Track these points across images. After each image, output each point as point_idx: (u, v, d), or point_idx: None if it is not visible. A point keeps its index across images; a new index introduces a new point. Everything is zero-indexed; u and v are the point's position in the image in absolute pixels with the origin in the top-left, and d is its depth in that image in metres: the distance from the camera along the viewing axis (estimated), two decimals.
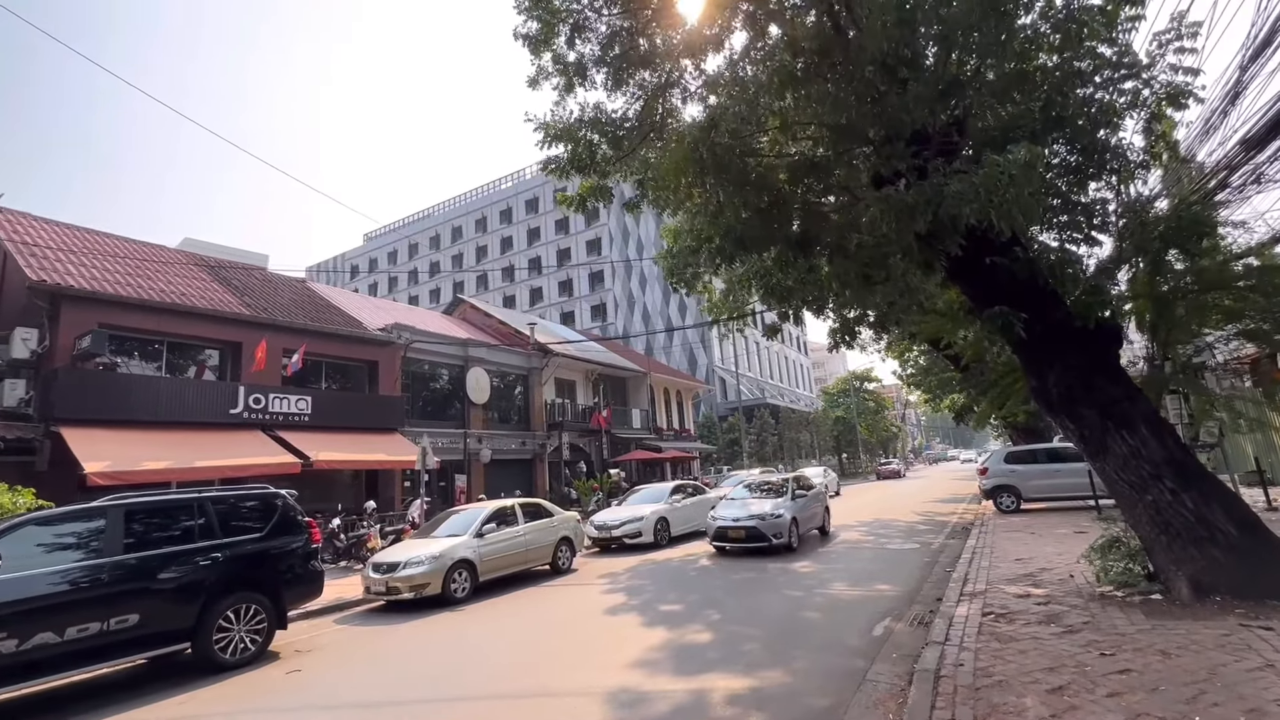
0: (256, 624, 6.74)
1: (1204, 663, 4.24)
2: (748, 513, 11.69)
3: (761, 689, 4.81)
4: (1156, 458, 5.98)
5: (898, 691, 4.54)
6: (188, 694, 5.87)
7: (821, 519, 13.56)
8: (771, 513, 11.52)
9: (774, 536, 11.20)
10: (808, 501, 12.83)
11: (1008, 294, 6.52)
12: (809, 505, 12.86)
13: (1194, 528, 5.75)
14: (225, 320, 16.23)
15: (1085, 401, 6.34)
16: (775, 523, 11.34)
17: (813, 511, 13.03)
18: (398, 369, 20.55)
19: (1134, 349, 10.87)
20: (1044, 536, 10.34)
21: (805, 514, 12.44)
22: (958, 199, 5.01)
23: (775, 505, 11.78)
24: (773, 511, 11.55)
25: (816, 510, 13.31)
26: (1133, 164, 7.02)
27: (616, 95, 9.13)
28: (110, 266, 15.59)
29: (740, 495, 13.04)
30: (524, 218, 60.86)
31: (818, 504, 13.47)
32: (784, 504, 11.86)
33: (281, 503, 7.46)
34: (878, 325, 16.69)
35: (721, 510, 12.36)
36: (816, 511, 13.29)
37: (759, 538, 11.28)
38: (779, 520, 11.38)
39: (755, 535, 11.30)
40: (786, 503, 11.95)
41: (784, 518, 11.42)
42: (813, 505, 13.09)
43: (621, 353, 36.81)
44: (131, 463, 12.44)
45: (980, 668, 4.59)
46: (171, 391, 14.61)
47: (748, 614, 7.26)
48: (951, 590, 7.10)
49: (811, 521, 12.94)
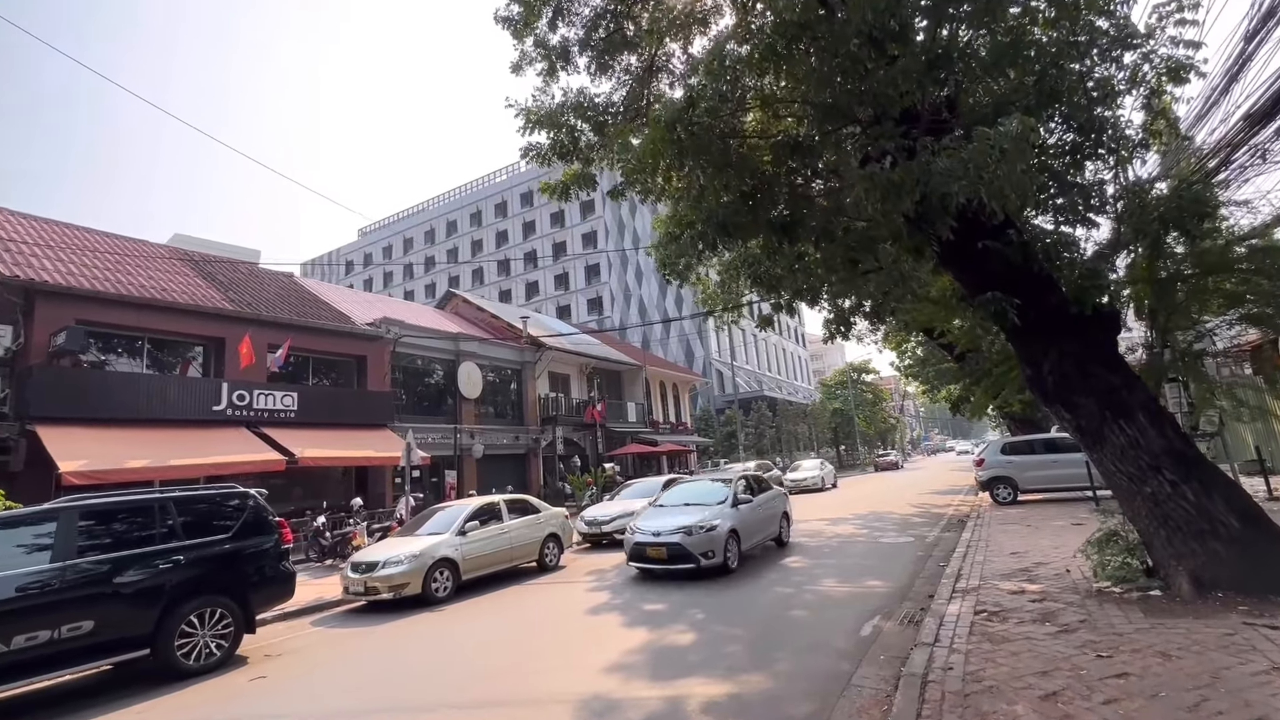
0: (223, 628, 6.49)
1: (1206, 665, 3.99)
2: (672, 524, 9.17)
3: (740, 695, 4.57)
4: (1155, 448, 5.73)
5: (883, 698, 4.29)
6: (147, 702, 5.63)
7: (778, 527, 11.21)
8: (700, 525, 9.03)
9: (703, 555, 8.78)
10: (756, 508, 10.39)
11: (1001, 280, 6.26)
12: (758, 512, 10.43)
13: (1194, 520, 5.51)
14: (207, 315, 15.93)
15: (1082, 390, 6.09)
16: (705, 538, 8.89)
17: (763, 519, 10.63)
18: (387, 364, 20.27)
19: (1131, 336, 10.63)
20: (1040, 529, 10.11)
21: (751, 523, 10.03)
22: (946, 176, 4.73)
23: (708, 515, 9.31)
24: (702, 523, 9.07)
25: (770, 517, 10.94)
26: (1132, 142, 6.74)
27: (601, 80, 8.83)
28: (89, 261, 15.27)
29: (674, 500, 10.65)
30: (519, 211, 60.42)
31: (772, 509, 11.12)
32: (719, 513, 9.40)
33: (250, 502, 7.20)
34: (873, 315, 16.46)
35: (644, 520, 9.78)
36: (770, 519, 10.94)
37: (683, 557, 8.82)
38: (710, 535, 8.94)
39: (679, 554, 8.84)
40: (723, 510, 9.50)
41: (718, 531, 9.02)
42: (763, 512, 10.66)
43: (617, 346, 36.54)
44: (110, 462, 12.18)
45: (970, 671, 4.35)
46: (152, 388, 14.32)
47: (733, 612, 7.03)
48: (944, 587, 6.87)
49: (762, 531, 10.54)
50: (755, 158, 6.66)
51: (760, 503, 10.70)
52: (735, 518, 9.52)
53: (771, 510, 11.13)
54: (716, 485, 10.72)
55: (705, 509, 9.57)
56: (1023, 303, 6.02)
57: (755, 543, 10.28)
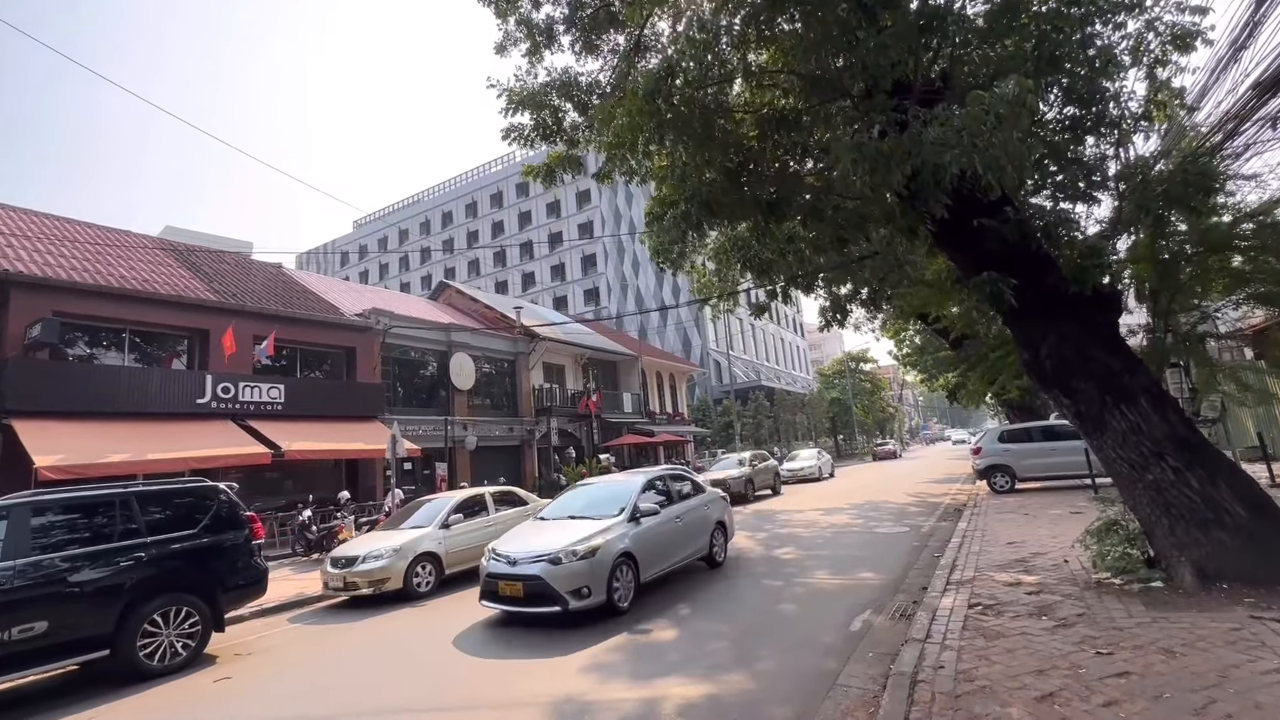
0: (189, 627, 6.25)
1: (1213, 663, 3.75)
2: (539, 547, 6.78)
3: (720, 697, 4.33)
4: (1158, 434, 5.47)
5: (870, 699, 4.06)
6: (105, 705, 5.40)
7: (707, 543, 8.63)
8: (574, 549, 6.54)
9: (574, 594, 6.35)
10: (668, 522, 7.83)
11: (997, 260, 5.97)
12: (671, 527, 7.88)
13: (1199, 509, 5.27)
14: (190, 307, 15.61)
15: (1081, 374, 5.82)
16: (578, 569, 6.43)
17: (679, 536, 8.03)
18: (376, 355, 19.98)
19: (1130, 320, 10.34)
20: (1038, 518, 9.89)
21: (659, 543, 7.55)
22: (938, 146, 4.43)
23: (590, 533, 6.85)
24: (576, 546, 6.57)
25: (691, 532, 8.32)
26: (1134, 115, 6.44)
27: (587, 59, 8.50)
28: (67, 252, 14.94)
29: (561, 510, 8.11)
30: (514, 201, 59.89)
31: (695, 521, 8.49)
32: (607, 531, 6.94)
33: (219, 497, 6.94)
34: (869, 303, 16.15)
35: (508, 541, 7.33)
36: (692, 534, 8.32)
37: (544, 597, 6.40)
38: (586, 564, 6.47)
39: (538, 593, 6.42)
40: (614, 527, 7.02)
41: (599, 557, 6.56)
42: (678, 526, 8.05)
43: (613, 336, 36.24)
44: (88, 456, 11.92)
45: (962, 670, 4.11)
46: (133, 381, 14.03)
47: (719, 607, 6.80)
48: (938, 579, 6.63)
49: (679, 552, 7.97)
50: (740, 132, 6.35)
51: (678, 514, 8.14)
52: (633, 537, 7.11)
53: (694, 522, 8.47)
54: (628, 487, 8.02)
55: (592, 524, 7.16)
56: (1020, 283, 5.75)
57: (666, 568, 7.71)
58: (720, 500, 9.63)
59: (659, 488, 8.42)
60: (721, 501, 9.63)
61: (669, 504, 8.23)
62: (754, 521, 13.85)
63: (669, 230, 7.46)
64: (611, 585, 6.64)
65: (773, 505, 17.17)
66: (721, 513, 9.37)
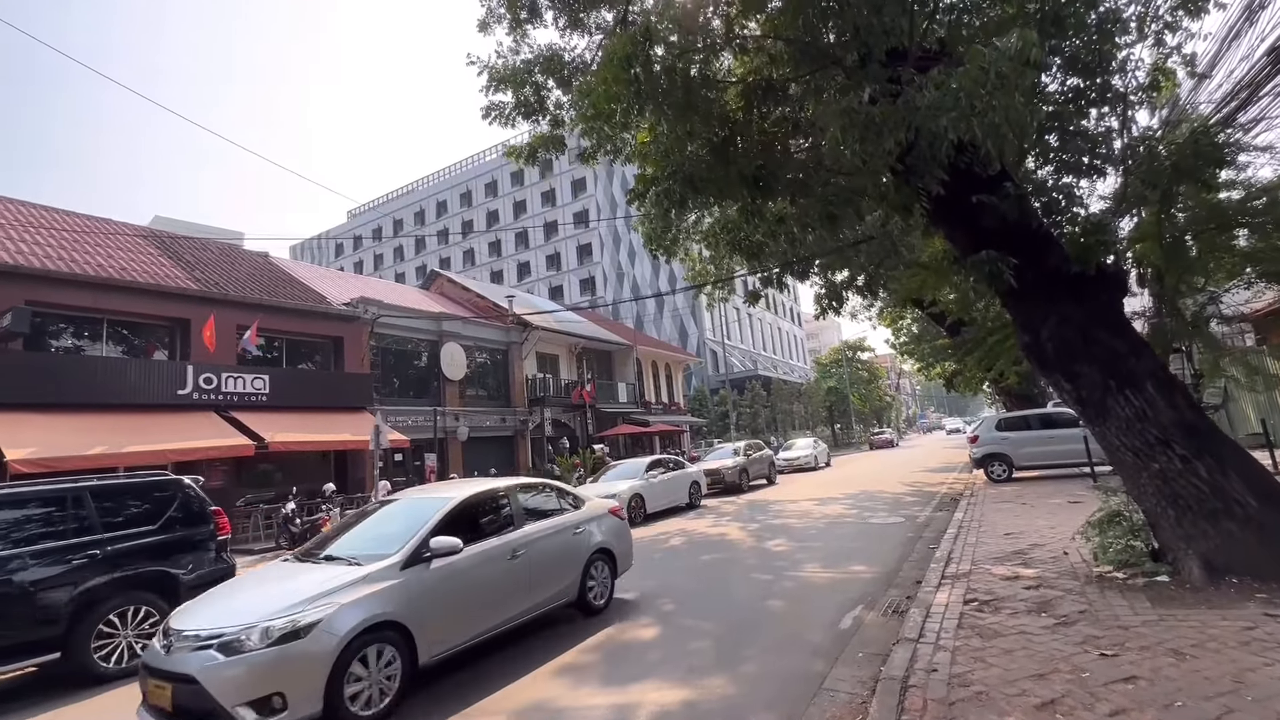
0: (149, 627, 5.94)
1: (1226, 667, 3.48)
2: (225, 622, 4.09)
3: (697, 703, 4.05)
4: (1165, 420, 5.17)
5: (858, 705, 3.78)
6: (50, 713, 5.11)
7: (576, 584, 6.13)
8: (265, 625, 3.96)
9: (253, 710, 3.77)
10: (482, 561, 5.23)
11: (996, 238, 5.65)
12: (500, 567, 5.38)
13: (1207, 499, 4.98)
14: (170, 296, 15.25)
15: (1084, 358, 5.52)
16: (253, 664, 3.83)
17: (501, 587, 5.36)
18: (365, 345, 19.64)
19: (1131, 305, 10.03)
20: (1036, 507, 9.63)
21: (477, 595, 5.09)
22: (933, 109, 4.09)
23: (314, 595, 4.21)
24: (269, 622, 3.98)
25: (548, 567, 5.85)
26: (1141, 85, 6.09)
27: (573, 36, 8.11)
28: (41, 239, 14.54)
29: (342, 547, 5.19)
30: (509, 190, 59.26)
31: (558, 549, 6.04)
32: (354, 589, 4.35)
33: (183, 491, 6.64)
34: (866, 289, 15.79)
35: (192, 612, 4.55)
36: (528, 581, 5.60)
37: (200, 713, 3.83)
38: (270, 658, 3.86)
39: (190, 709, 3.87)
40: (377, 579, 4.44)
41: (309, 641, 3.97)
42: (524, 561, 5.57)
43: (609, 326, 35.89)
44: (63, 449, 11.61)
45: (956, 674, 3.83)
46: (110, 372, 13.70)
47: (705, 603, 6.53)
48: (932, 572, 6.36)
49: (519, 603, 5.49)
50: (724, 102, 6.00)
51: (517, 546, 5.53)
52: (403, 595, 4.49)
53: (550, 556, 5.86)
54: (426, 510, 5.22)
55: (340, 573, 4.49)
56: (1020, 263, 5.43)
57: (484, 633, 5.11)
58: (608, 519, 6.85)
59: (473, 511, 5.49)
60: (610, 520, 6.87)
61: (505, 530, 5.59)
62: (747, 512, 13.61)
63: (653, 207, 7.11)
64: (342, 688, 3.98)
65: (767, 495, 16.93)
66: (606, 537, 6.60)
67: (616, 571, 6.79)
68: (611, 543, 6.73)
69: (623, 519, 7.39)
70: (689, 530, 11.68)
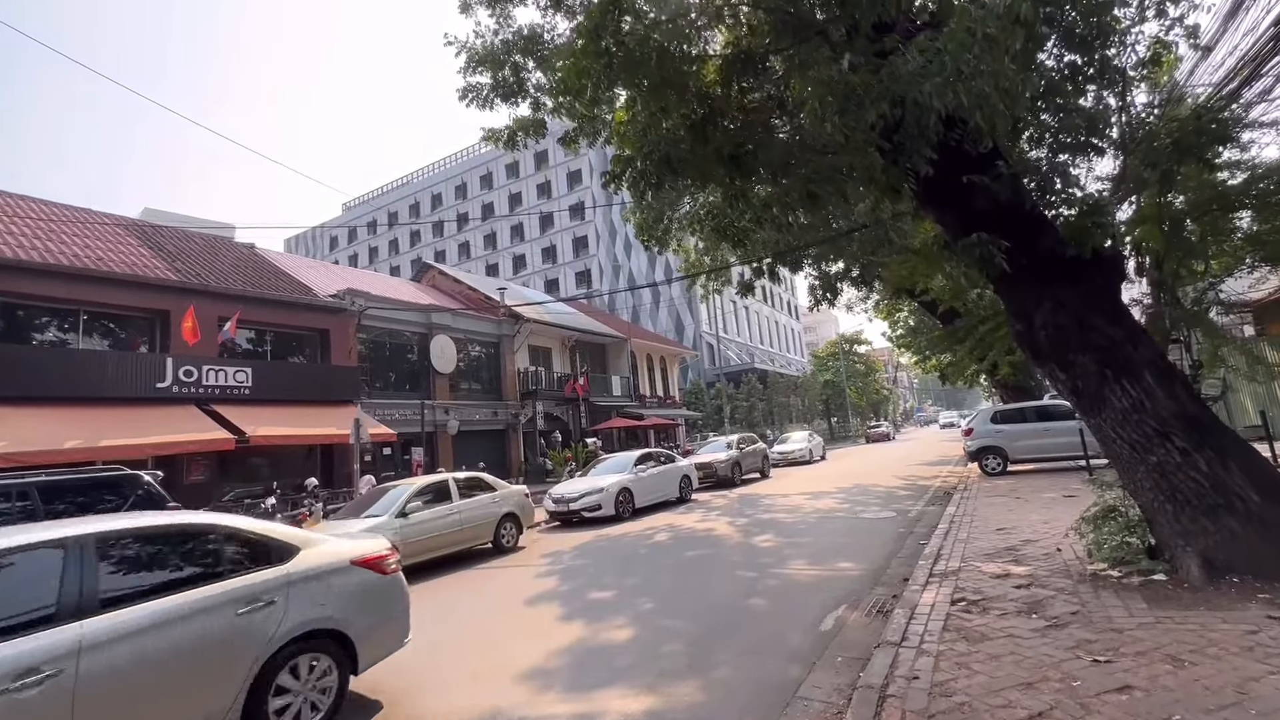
0: None
1: (1228, 675, 3.22)
2: None
3: (661, 713, 3.79)
4: (1164, 411, 4.91)
5: (832, 716, 3.52)
6: None
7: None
8: None
9: None
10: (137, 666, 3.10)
11: (988, 220, 5.36)
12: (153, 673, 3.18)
13: (1207, 494, 4.72)
14: (149, 287, 14.91)
15: (1080, 346, 5.24)
16: None
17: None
18: (352, 337, 19.33)
19: (1128, 293, 9.76)
20: (1030, 502, 9.39)
21: None
22: (917, 76, 3.80)
23: None
24: None
25: None
26: (1141, 60, 5.80)
27: (555, 16, 7.80)
28: (15, 229, 14.20)
29: None
30: (504, 182, 58.74)
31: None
32: None
33: (140, 487, 6.36)
34: (860, 280, 15.46)
35: None
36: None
37: None
38: None
39: None
40: None
41: None
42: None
43: (603, 319, 35.58)
44: (36, 442, 11.33)
45: (939, 682, 3.58)
46: (87, 364, 13.39)
47: (685, 602, 6.27)
48: (920, 570, 6.11)
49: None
50: (702, 76, 5.69)
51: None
52: None
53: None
54: None
55: None
56: (1013, 246, 5.14)
57: None
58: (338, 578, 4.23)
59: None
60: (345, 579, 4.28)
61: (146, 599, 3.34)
62: (737, 506, 13.37)
63: (629, 189, 6.82)
64: None
65: (759, 489, 16.69)
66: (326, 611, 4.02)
67: (358, 662, 4.11)
68: (337, 617, 4.00)
69: (387, 573, 4.54)
70: (676, 525, 11.44)
